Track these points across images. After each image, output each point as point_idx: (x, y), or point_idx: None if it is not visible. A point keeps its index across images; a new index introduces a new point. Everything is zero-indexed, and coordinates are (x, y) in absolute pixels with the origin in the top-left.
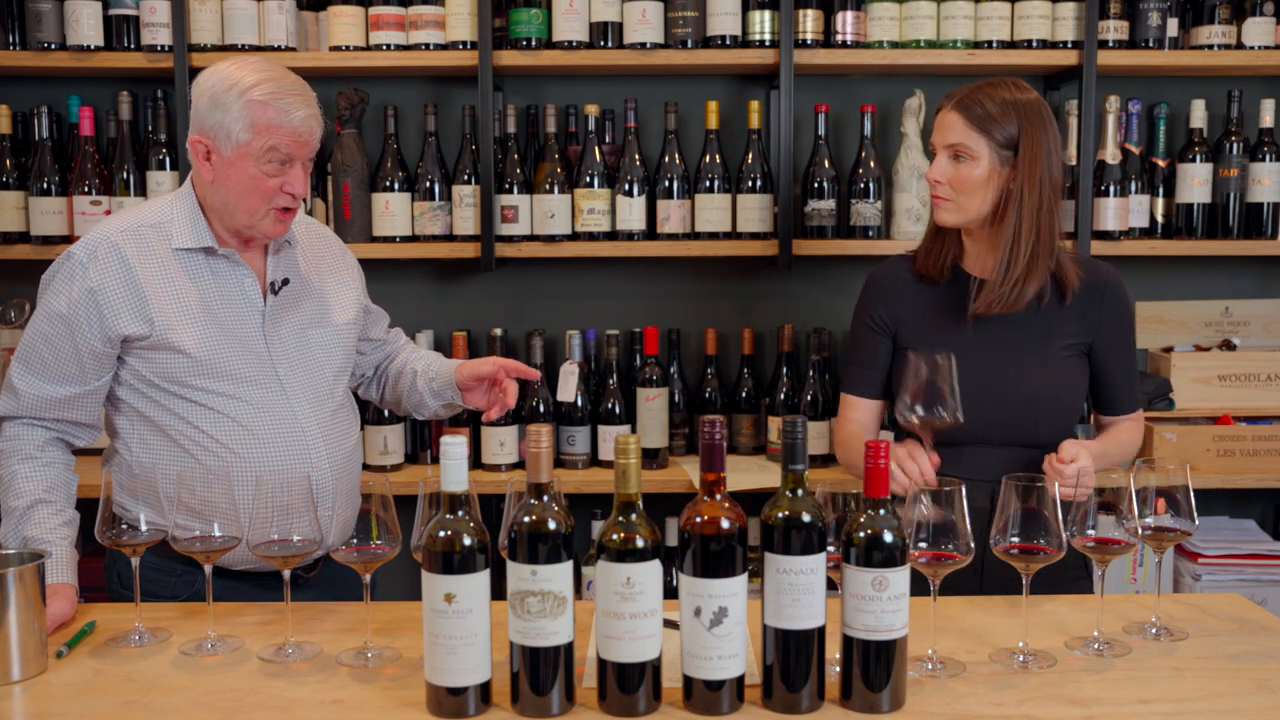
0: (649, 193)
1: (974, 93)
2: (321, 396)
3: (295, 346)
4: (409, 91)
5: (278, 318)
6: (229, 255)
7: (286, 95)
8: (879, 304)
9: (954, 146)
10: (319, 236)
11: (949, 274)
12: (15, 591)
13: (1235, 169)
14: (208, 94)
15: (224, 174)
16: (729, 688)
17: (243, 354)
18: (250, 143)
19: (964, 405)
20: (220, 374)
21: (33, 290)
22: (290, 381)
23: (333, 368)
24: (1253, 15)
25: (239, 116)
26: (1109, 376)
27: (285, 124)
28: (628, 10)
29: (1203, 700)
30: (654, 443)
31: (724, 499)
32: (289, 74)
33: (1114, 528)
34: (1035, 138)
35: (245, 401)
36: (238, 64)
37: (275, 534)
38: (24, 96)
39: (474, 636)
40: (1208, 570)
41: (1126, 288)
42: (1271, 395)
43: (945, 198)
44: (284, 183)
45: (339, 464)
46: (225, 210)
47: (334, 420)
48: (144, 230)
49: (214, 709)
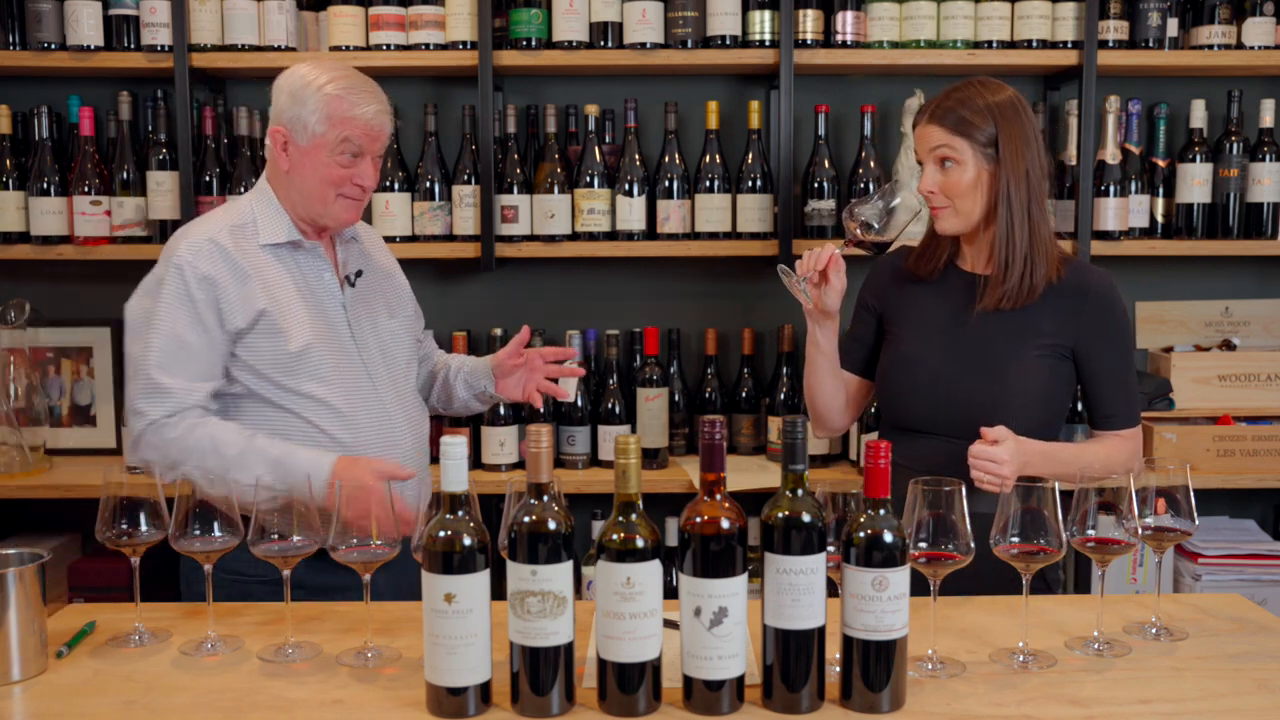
0: (649, 193)
1: (945, 100)
2: (401, 382)
3: (373, 335)
4: (409, 91)
5: (356, 308)
6: (313, 248)
7: (359, 91)
8: (870, 288)
9: (936, 151)
10: (373, 235)
11: (939, 272)
12: (15, 591)
13: (1235, 169)
14: (287, 90)
15: (299, 163)
16: (729, 688)
17: (335, 343)
18: (325, 134)
19: (935, 399)
20: (320, 362)
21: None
22: (375, 368)
23: (405, 356)
24: (1253, 15)
25: (315, 109)
26: (1093, 386)
27: (358, 116)
28: (628, 10)
29: (1203, 700)
30: (654, 443)
31: (724, 499)
32: (362, 74)
33: (1114, 528)
34: (1013, 133)
35: (342, 388)
36: (315, 65)
37: (275, 534)
38: (24, 96)
39: (474, 636)
40: (1208, 570)
41: (1118, 295)
42: (1271, 395)
43: (942, 206)
44: (354, 174)
45: (420, 446)
46: (299, 199)
47: (414, 404)
48: (234, 230)
49: (214, 709)
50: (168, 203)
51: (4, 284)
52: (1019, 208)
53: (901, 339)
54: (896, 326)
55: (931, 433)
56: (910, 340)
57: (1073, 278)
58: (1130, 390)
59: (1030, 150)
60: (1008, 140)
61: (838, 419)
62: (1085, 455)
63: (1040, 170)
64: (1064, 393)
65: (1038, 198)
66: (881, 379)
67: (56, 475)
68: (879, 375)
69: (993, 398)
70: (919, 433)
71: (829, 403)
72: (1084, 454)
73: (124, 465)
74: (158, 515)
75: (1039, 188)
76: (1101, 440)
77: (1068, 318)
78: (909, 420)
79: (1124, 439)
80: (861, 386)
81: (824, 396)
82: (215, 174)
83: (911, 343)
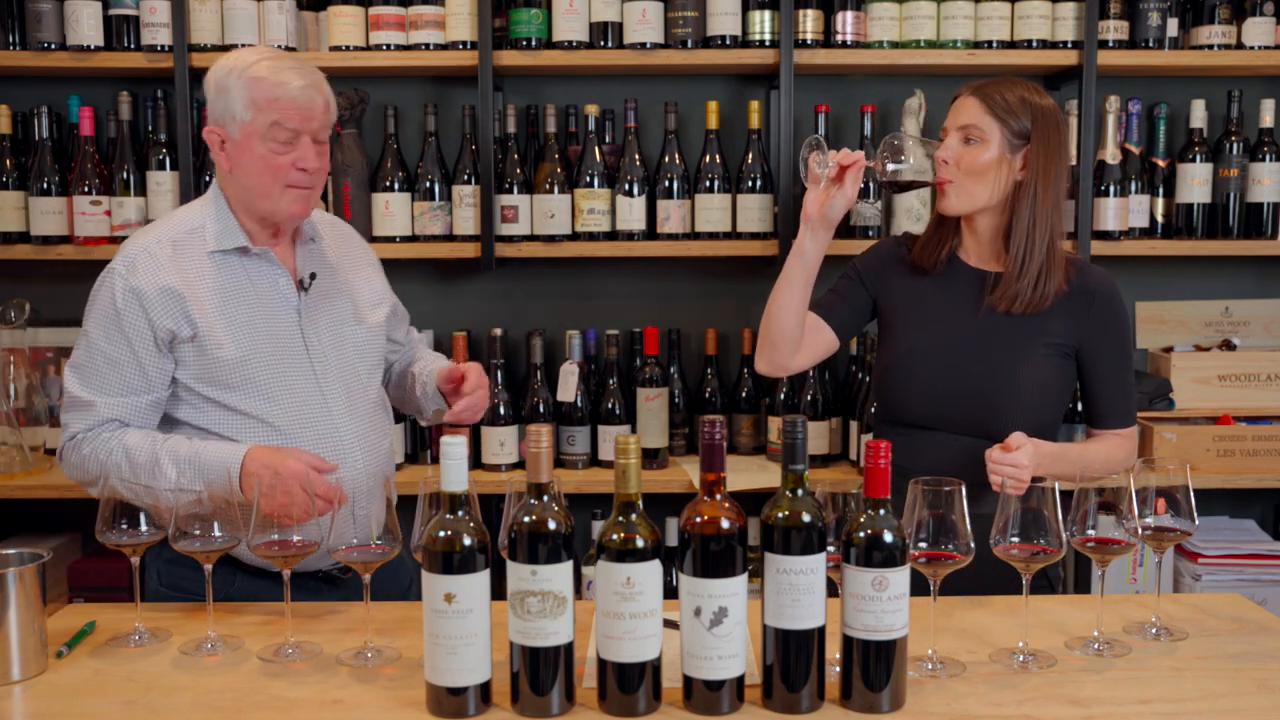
0: (649, 193)
1: (993, 83)
2: (356, 394)
3: (331, 343)
4: (409, 91)
5: (313, 314)
6: (263, 253)
7: (283, 70)
8: (868, 270)
9: (966, 129)
10: (342, 233)
11: (944, 265)
12: (15, 591)
13: (1235, 169)
14: (214, 82)
15: (237, 159)
16: (729, 688)
17: (281, 353)
18: (253, 120)
19: (939, 394)
20: (259, 374)
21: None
22: (326, 379)
23: (366, 365)
24: (1253, 15)
25: (240, 96)
26: (1095, 386)
27: (283, 96)
28: (628, 10)
29: (1203, 700)
30: (654, 443)
31: (724, 499)
32: (290, 55)
33: (1114, 528)
34: (1050, 137)
35: (282, 404)
36: (238, 52)
37: (276, 534)
38: (24, 96)
39: (474, 636)
40: (1208, 570)
41: (1122, 297)
42: (1271, 395)
43: (950, 179)
44: (294, 159)
45: (373, 463)
46: (245, 197)
47: (369, 418)
48: (178, 239)
49: (214, 709)
50: (167, 203)
51: (4, 284)
52: (1042, 211)
53: (904, 332)
54: (896, 318)
55: (931, 428)
56: (914, 334)
57: (1078, 278)
58: (1129, 390)
59: (1061, 160)
60: (1042, 142)
61: (789, 351)
62: (1089, 454)
63: (1065, 182)
64: (1066, 392)
65: (1060, 206)
66: (883, 373)
67: (56, 475)
68: (878, 370)
69: (1001, 395)
70: (918, 429)
71: (788, 328)
72: (1087, 453)
73: None
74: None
75: (1063, 199)
76: (1102, 439)
77: (1074, 317)
78: (910, 416)
79: (1123, 438)
80: (822, 337)
81: (787, 317)
82: (215, 174)
83: (916, 337)
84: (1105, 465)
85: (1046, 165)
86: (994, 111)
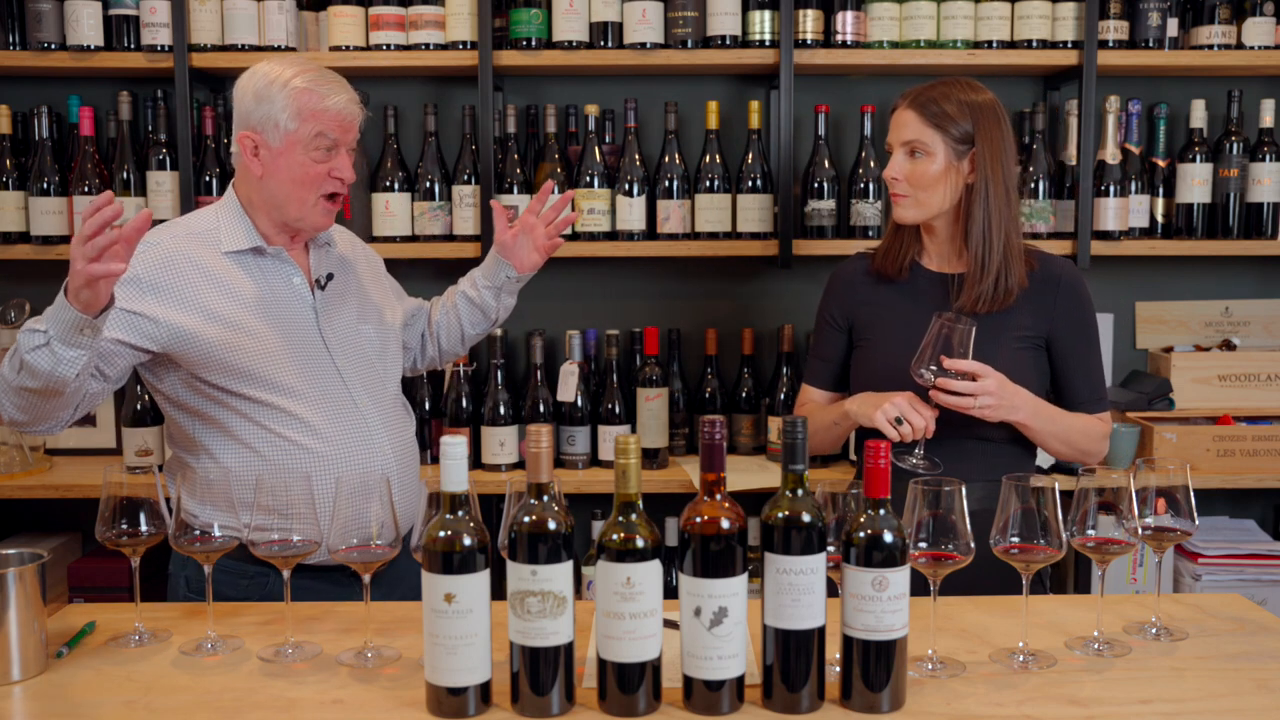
0: (649, 193)
1: (928, 90)
2: (376, 388)
3: (350, 341)
4: (409, 91)
5: (329, 313)
6: (277, 253)
7: (327, 82)
8: (835, 302)
9: (910, 144)
10: (351, 241)
11: (907, 273)
12: (15, 591)
13: (1235, 169)
14: (251, 91)
15: (273, 166)
16: (729, 688)
17: (302, 349)
18: (298, 130)
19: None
20: (282, 371)
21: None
22: (349, 374)
23: (384, 363)
24: (1253, 15)
25: (284, 106)
26: (1064, 372)
27: (329, 108)
28: (628, 10)
29: (1203, 700)
30: (654, 443)
31: (724, 499)
32: (325, 67)
33: (1114, 528)
34: (992, 135)
35: (310, 398)
36: (276, 61)
37: (276, 534)
38: (24, 96)
39: (474, 636)
40: (1208, 570)
41: (1085, 285)
42: (1271, 395)
43: (903, 194)
44: (331, 168)
45: (402, 455)
46: (275, 204)
47: (394, 411)
48: (192, 237)
49: (214, 709)
50: (168, 203)
51: (4, 284)
52: (995, 209)
53: (876, 343)
54: (869, 331)
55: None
56: (886, 344)
57: (1041, 269)
58: (1099, 376)
59: (1007, 154)
60: (986, 141)
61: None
62: (1069, 418)
63: (1014, 175)
64: (1041, 382)
65: (1013, 201)
66: (859, 386)
67: (56, 475)
68: (856, 383)
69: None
70: None
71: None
72: (1068, 416)
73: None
74: (158, 515)
75: (1014, 191)
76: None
77: (1040, 308)
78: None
79: (1098, 419)
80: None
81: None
82: (215, 174)
83: (888, 346)
84: (1082, 438)
85: (993, 164)
86: (934, 123)
